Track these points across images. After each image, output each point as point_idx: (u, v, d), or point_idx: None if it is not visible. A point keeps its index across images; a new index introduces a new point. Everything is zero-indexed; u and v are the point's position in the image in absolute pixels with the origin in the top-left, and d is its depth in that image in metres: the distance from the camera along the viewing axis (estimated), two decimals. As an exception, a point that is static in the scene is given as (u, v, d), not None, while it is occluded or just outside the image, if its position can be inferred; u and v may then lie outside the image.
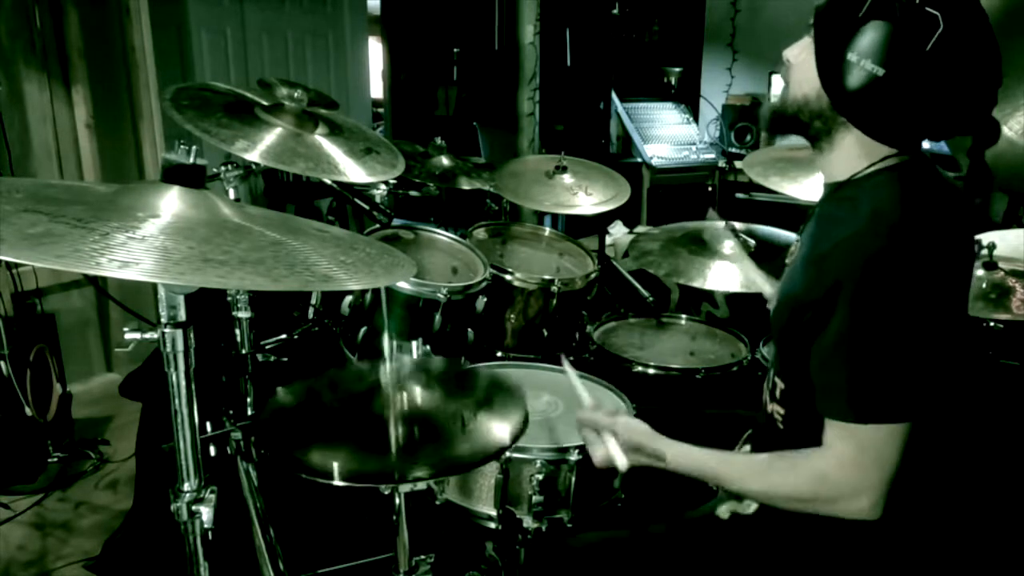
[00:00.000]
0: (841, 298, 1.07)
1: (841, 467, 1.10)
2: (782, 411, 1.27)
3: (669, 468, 1.25)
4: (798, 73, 1.19)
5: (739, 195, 4.42)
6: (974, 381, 2.02)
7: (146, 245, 0.90)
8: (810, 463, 1.13)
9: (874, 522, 1.13)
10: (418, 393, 1.37)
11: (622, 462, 1.26)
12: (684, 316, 2.42)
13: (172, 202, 1.00)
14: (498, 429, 1.31)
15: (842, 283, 1.07)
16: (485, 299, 2.14)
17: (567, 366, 1.53)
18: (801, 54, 1.19)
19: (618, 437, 1.28)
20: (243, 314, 1.96)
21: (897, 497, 1.15)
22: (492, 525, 1.58)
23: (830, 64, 1.12)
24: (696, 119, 4.93)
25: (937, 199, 1.15)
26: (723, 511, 1.29)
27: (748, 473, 1.20)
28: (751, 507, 1.27)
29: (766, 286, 1.81)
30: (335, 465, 1.20)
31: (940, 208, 1.14)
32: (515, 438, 1.30)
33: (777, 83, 1.29)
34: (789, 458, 1.17)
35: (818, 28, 1.15)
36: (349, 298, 2.10)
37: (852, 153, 1.18)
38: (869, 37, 1.07)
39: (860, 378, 1.08)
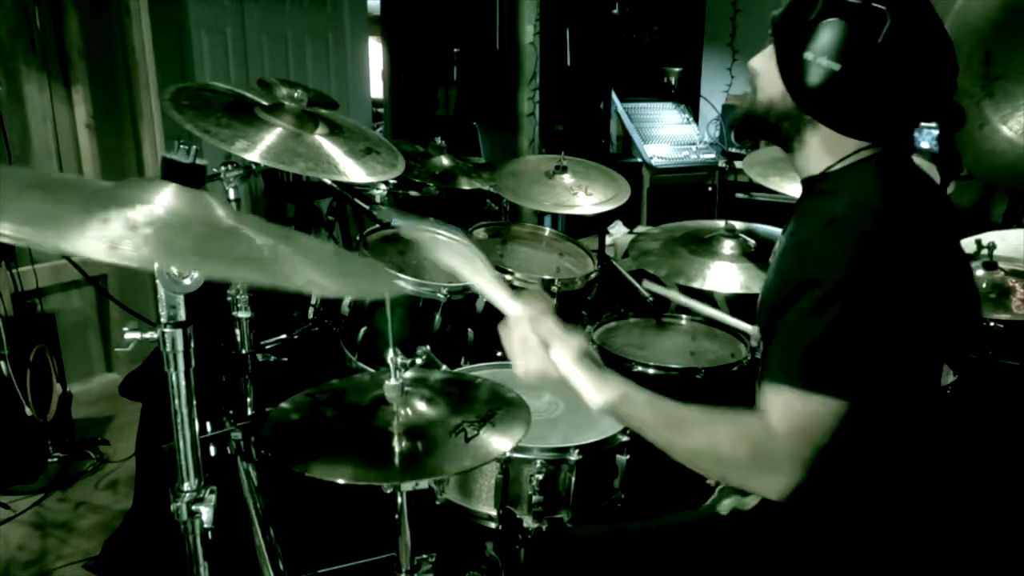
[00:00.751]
0: (823, 281, 1.07)
1: (769, 431, 1.05)
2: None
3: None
4: (763, 80, 1.24)
5: (739, 195, 4.42)
6: (974, 381, 2.02)
7: (147, 236, 0.89)
8: (737, 422, 1.09)
9: (874, 518, 1.13)
10: (421, 406, 1.37)
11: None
12: (684, 316, 2.41)
13: (169, 201, 1.00)
14: (500, 443, 1.31)
15: (825, 267, 1.07)
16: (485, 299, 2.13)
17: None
18: (765, 63, 1.24)
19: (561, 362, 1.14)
20: (243, 314, 1.95)
21: (894, 494, 1.16)
22: (492, 525, 1.58)
23: (790, 66, 1.17)
24: (696, 119, 4.93)
25: (914, 187, 1.19)
26: (724, 507, 1.29)
27: (672, 421, 1.12)
28: (751, 503, 1.27)
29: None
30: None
31: (919, 196, 1.18)
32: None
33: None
34: (715, 413, 1.12)
35: (776, 36, 1.21)
36: (349, 298, 2.10)
37: (822, 148, 1.21)
38: (823, 36, 1.13)
39: (811, 347, 1.06)
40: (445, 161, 2.59)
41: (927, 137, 3.68)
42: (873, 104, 1.14)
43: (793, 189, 2.22)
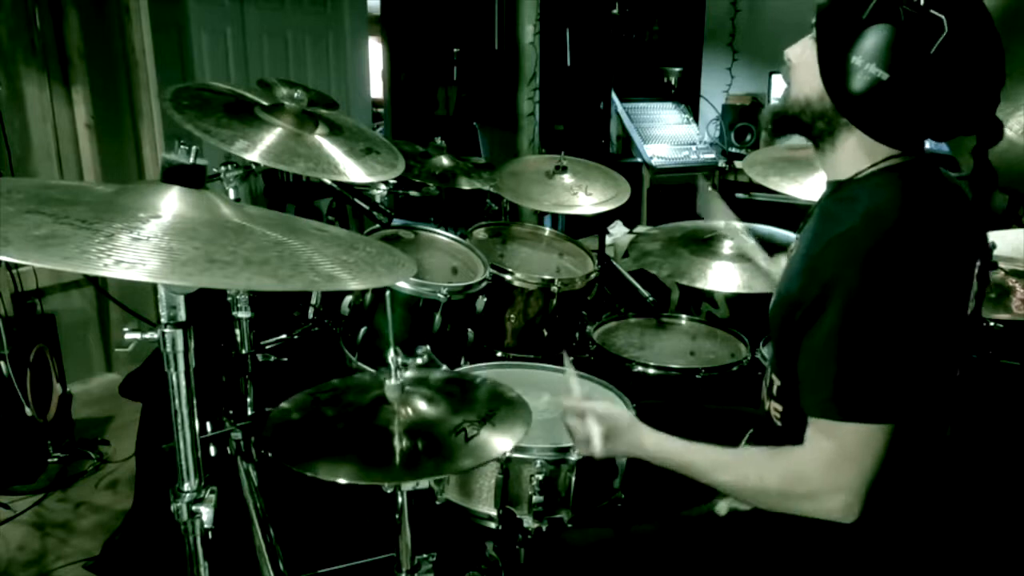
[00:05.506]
0: (833, 296, 1.07)
1: (819, 465, 1.10)
2: (780, 408, 1.27)
3: (649, 456, 1.27)
4: (800, 73, 1.19)
5: (739, 195, 4.41)
6: (974, 381, 2.02)
7: (151, 246, 0.90)
8: (787, 459, 1.14)
9: (872, 519, 1.13)
10: (421, 405, 1.37)
11: (597, 445, 1.29)
12: (684, 316, 2.42)
13: (173, 202, 1.00)
14: (500, 443, 1.31)
15: (835, 281, 1.07)
16: (485, 299, 2.14)
17: (568, 366, 1.54)
18: (803, 54, 1.19)
19: (599, 425, 1.30)
20: (243, 314, 1.95)
21: (893, 494, 1.16)
22: (492, 525, 1.58)
23: (833, 67, 1.11)
24: (696, 119, 4.92)
25: (937, 200, 1.15)
26: (722, 507, 1.29)
27: (721, 464, 1.20)
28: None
29: (759, 257, 1.82)
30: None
31: (939, 209, 1.14)
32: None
33: (777, 83, 1.29)
34: (766, 453, 1.17)
35: (820, 30, 1.14)
36: (349, 298, 2.10)
37: (854, 153, 1.18)
38: (873, 40, 1.07)
39: (846, 376, 1.08)
40: (445, 161, 2.59)
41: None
42: (916, 116, 1.10)
43: (793, 189, 2.22)
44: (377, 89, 5.14)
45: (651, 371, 2.04)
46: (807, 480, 1.11)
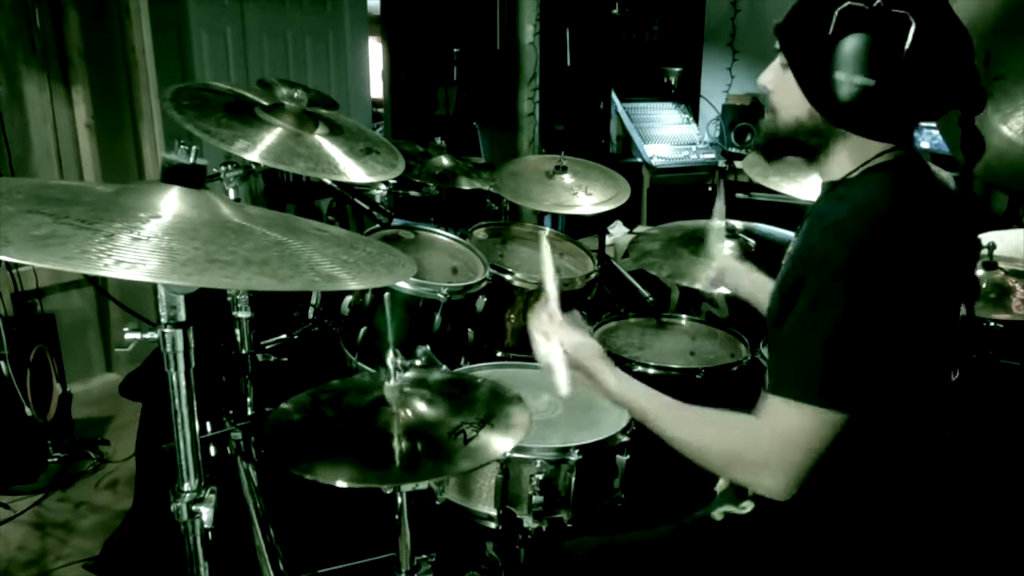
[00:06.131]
0: (814, 275, 1.07)
1: (769, 440, 1.08)
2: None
3: (611, 396, 1.25)
4: (781, 98, 1.20)
5: (739, 195, 4.41)
6: (974, 381, 2.02)
7: (151, 246, 0.90)
8: (741, 428, 1.13)
9: (873, 521, 1.13)
10: (421, 407, 1.37)
11: (564, 389, 1.24)
12: (684, 316, 2.41)
13: (173, 202, 1.00)
14: (500, 444, 1.31)
15: (821, 262, 1.07)
16: (485, 299, 2.14)
17: (545, 247, 1.51)
18: (778, 79, 1.20)
19: (565, 352, 1.27)
20: (243, 314, 1.96)
21: (893, 497, 1.16)
22: (492, 525, 1.58)
23: (819, 87, 1.13)
24: (696, 119, 4.92)
25: (927, 196, 1.16)
26: (717, 513, 1.29)
27: (679, 420, 1.19)
28: (746, 508, 1.27)
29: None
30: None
31: (929, 204, 1.15)
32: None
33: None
34: (725, 416, 1.16)
35: (790, 54, 1.16)
36: (349, 298, 2.10)
37: (848, 155, 1.19)
38: (848, 52, 1.09)
39: (812, 359, 1.07)
40: (445, 161, 2.59)
41: (927, 137, 3.67)
42: (907, 108, 1.13)
43: (793, 189, 2.22)
44: (377, 89, 5.14)
45: (651, 371, 2.04)
46: (755, 451, 1.09)
